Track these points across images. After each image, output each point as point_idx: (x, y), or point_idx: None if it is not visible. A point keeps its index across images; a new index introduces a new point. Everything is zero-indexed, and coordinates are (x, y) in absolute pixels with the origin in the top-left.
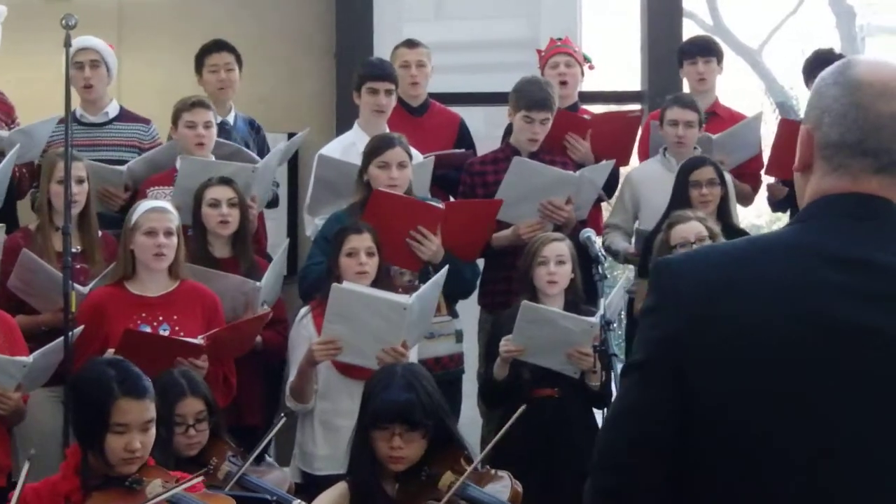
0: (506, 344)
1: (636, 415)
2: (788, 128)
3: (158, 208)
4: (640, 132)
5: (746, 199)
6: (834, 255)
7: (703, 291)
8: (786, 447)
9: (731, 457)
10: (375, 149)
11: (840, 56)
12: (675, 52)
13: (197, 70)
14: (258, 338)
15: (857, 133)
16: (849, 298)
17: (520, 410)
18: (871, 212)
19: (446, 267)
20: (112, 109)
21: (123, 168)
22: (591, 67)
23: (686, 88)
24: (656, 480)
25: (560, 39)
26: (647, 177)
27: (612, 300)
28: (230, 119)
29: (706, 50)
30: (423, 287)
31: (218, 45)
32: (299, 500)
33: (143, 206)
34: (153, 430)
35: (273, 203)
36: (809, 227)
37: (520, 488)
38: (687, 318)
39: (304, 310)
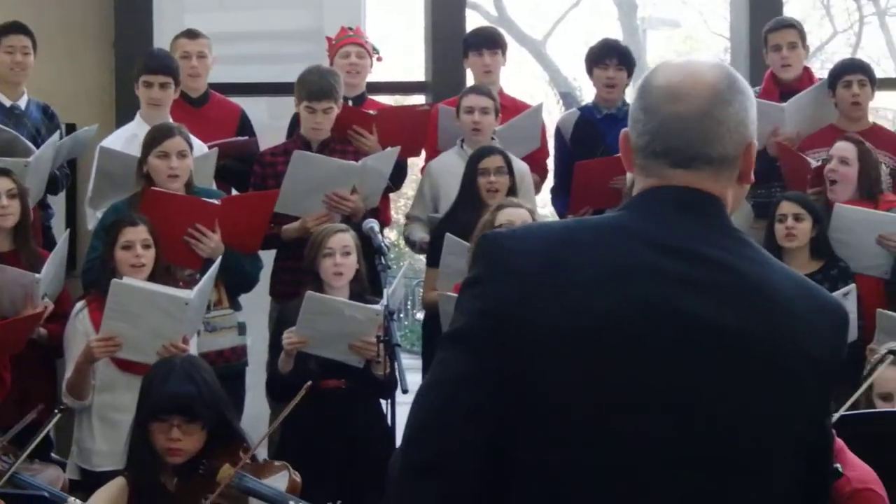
0: (289, 336)
1: (459, 384)
2: (584, 169)
3: None
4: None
5: (534, 188)
6: (659, 242)
7: (533, 266)
8: (610, 426)
9: (551, 432)
10: (154, 139)
11: (625, 48)
12: (458, 44)
13: None
14: (44, 331)
15: (646, 136)
16: (673, 284)
17: (304, 388)
18: (686, 203)
19: (220, 258)
20: None
21: None
22: (378, 59)
23: (470, 79)
24: (478, 452)
25: (352, 29)
26: (445, 168)
27: (395, 290)
28: (21, 104)
29: (491, 42)
30: (202, 280)
31: (15, 27)
32: (74, 498)
33: None
34: None
35: (55, 189)
36: (634, 214)
37: (298, 479)
38: (516, 292)
39: (79, 304)
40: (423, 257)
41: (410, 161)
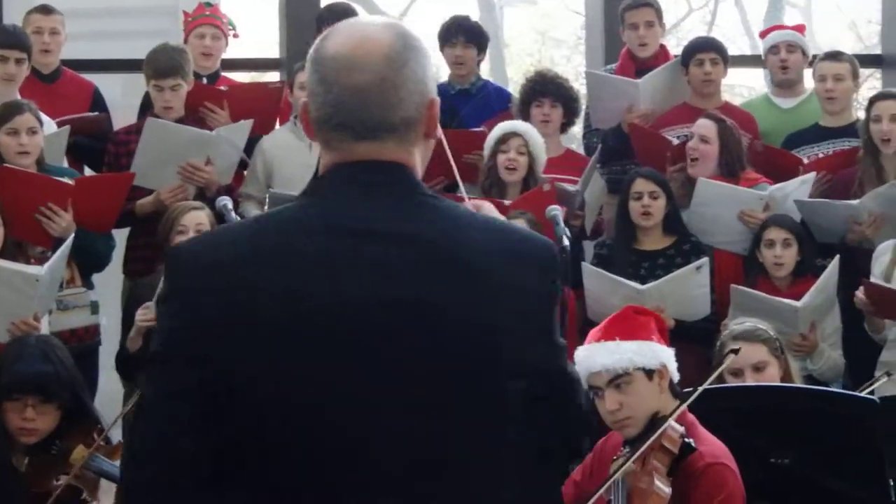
0: (143, 313)
1: (165, 406)
2: (449, 137)
3: None
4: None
5: None
6: (346, 226)
7: (220, 275)
8: (315, 421)
9: (266, 434)
10: (3, 115)
11: (474, 24)
12: (313, 20)
13: None
14: None
15: (327, 109)
16: (364, 268)
17: None
18: (375, 179)
19: (72, 236)
20: None
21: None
22: (235, 36)
23: None
24: (193, 469)
25: (209, 6)
26: (278, 145)
27: None
28: None
29: (342, 17)
30: (53, 257)
31: None
32: None
33: None
34: None
35: None
36: (320, 200)
37: None
38: (206, 304)
39: None
40: None
41: None
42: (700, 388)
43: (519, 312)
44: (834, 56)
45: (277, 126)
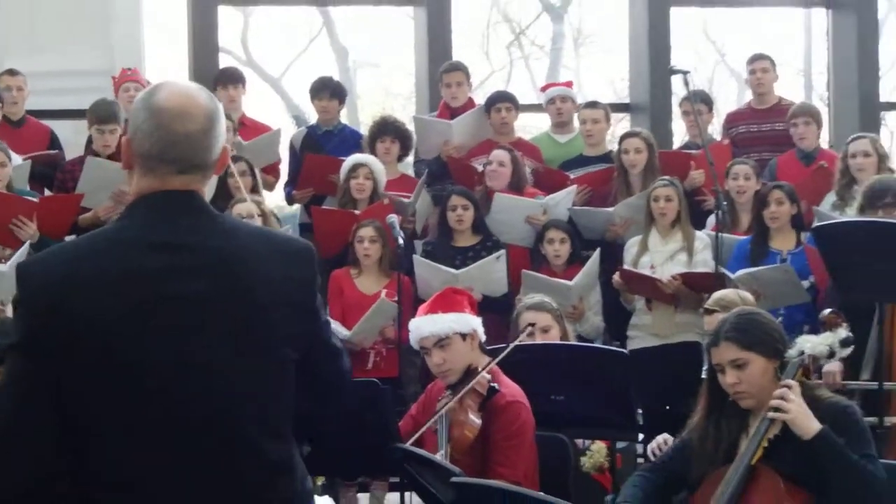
0: None
1: (19, 386)
2: (311, 161)
3: None
4: None
5: (270, 187)
6: (153, 241)
7: (52, 284)
8: (134, 403)
9: (91, 418)
10: None
11: (336, 83)
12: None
13: None
14: None
15: (159, 146)
16: (169, 275)
17: None
18: (179, 204)
19: (29, 241)
20: None
21: None
22: None
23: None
24: (49, 430)
25: (130, 70)
26: None
27: None
28: None
29: (232, 79)
30: (13, 257)
31: None
32: None
33: None
34: None
35: None
36: (132, 222)
37: None
38: (43, 309)
39: None
40: None
41: None
42: (511, 346)
43: (284, 296)
44: (592, 105)
45: None
